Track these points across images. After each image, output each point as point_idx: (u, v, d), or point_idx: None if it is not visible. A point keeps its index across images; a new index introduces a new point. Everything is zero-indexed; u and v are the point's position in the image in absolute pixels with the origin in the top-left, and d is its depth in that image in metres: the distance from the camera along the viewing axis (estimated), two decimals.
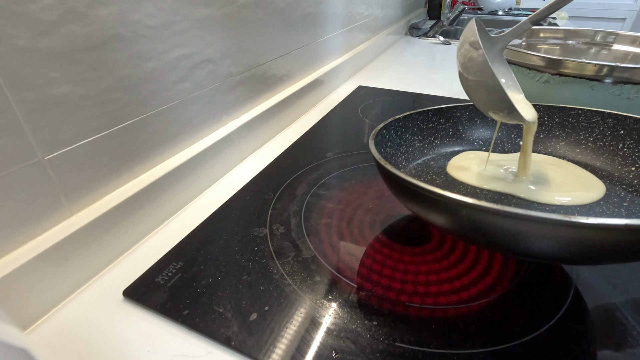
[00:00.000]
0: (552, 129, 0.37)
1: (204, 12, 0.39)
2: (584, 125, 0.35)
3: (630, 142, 0.33)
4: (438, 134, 0.39)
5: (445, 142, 0.39)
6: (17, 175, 0.26)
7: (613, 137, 0.34)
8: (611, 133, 0.34)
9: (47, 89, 0.26)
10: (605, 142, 0.34)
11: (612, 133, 0.34)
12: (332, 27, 0.73)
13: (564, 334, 0.26)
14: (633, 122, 0.32)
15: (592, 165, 0.34)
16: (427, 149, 0.38)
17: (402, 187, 0.25)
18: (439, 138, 0.39)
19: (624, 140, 0.33)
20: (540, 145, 0.37)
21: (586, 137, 0.35)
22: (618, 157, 0.33)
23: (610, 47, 0.58)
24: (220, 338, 0.26)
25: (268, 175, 0.45)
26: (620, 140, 0.33)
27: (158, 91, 0.35)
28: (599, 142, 0.34)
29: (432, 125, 0.38)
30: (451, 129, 0.39)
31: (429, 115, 0.38)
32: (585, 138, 0.35)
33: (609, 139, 0.34)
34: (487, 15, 1.63)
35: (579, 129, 0.36)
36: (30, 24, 0.24)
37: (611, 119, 0.34)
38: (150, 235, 0.36)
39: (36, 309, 0.27)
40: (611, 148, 0.34)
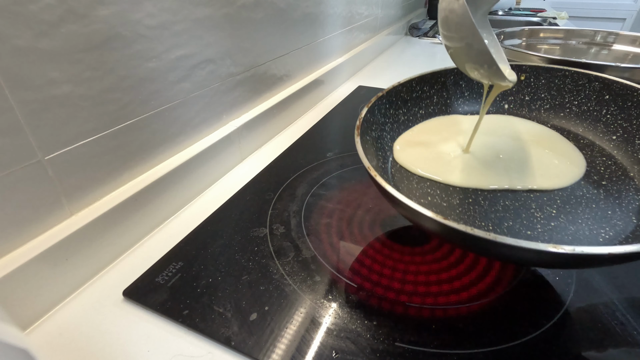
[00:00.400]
0: (537, 90, 0.36)
1: (204, 12, 0.39)
2: (569, 88, 0.35)
3: (614, 108, 0.32)
4: (422, 103, 0.37)
5: (429, 110, 0.37)
6: (17, 175, 0.26)
7: (598, 101, 0.33)
8: (596, 97, 0.33)
9: (47, 89, 0.26)
10: (590, 106, 0.33)
11: (597, 97, 0.33)
12: (332, 27, 0.73)
13: (564, 334, 0.26)
14: (619, 87, 0.31)
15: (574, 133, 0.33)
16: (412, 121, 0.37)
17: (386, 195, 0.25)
18: (423, 107, 0.37)
19: (608, 106, 0.32)
20: (525, 108, 0.36)
21: (571, 101, 0.34)
22: (600, 124, 0.33)
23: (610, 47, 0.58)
24: (220, 338, 0.26)
25: (268, 175, 0.45)
26: (604, 105, 0.32)
27: (158, 91, 0.35)
28: (583, 106, 0.34)
29: (416, 94, 0.37)
30: (435, 95, 0.37)
31: (412, 85, 0.36)
32: (570, 102, 0.35)
33: (593, 104, 0.33)
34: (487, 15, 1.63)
35: (564, 91, 0.35)
36: (30, 24, 0.24)
37: (598, 82, 0.33)
38: (150, 235, 0.36)
39: (36, 309, 0.27)
40: (595, 114, 0.33)
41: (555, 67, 0.35)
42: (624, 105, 0.31)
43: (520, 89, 0.36)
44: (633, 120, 0.30)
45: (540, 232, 0.27)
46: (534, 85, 0.36)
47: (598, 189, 0.30)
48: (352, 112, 0.65)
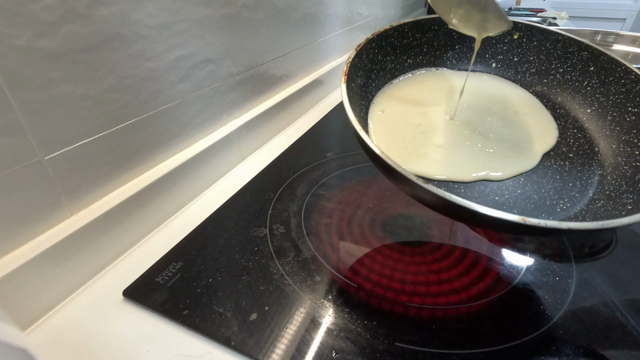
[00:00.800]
0: (527, 52, 0.35)
1: (204, 12, 0.39)
2: (559, 54, 0.34)
3: (596, 81, 0.32)
4: (411, 52, 0.36)
5: (417, 60, 0.36)
6: (18, 175, 0.26)
7: (582, 72, 0.33)
8: (582, 67, 0.33)
9: (47, 89, 0.26)
10: (573, 75, 0.33)
11: (582, 67, 0.33)
12: (332, 27, 0.73)
13: (564, 335, 0.26)
14: (606, 60, 0.31)
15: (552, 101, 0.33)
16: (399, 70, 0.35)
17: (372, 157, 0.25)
18: (412, 56, 0.36)
19: (591, 78, 0.32)
20: (512, 70, 0.36)
21: (557, 68, 0.34)
22: (579, 95, 0.33)
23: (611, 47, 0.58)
24: (220, 338, 0.26)
25: (268, 175, 0.45)
26: (587, 76, 0.32)
27: (158, 91, 0.35)
28: (567, 75, 0.34)
29: (407, 41, 0.35)
30: (426, 45, 0.36)
31: (404, 29, 0.34)
32: (556, 68, 0.34)
33: (577, 73, 0.33)
34: None
35: (553, 56, 0.34)
36: (30, 24, 0.24)
37: (587, 52, 0.32)
38: (150, 235, 0.36)
39: (36, 309, 0.27)
40: (576, 84, 0.33)
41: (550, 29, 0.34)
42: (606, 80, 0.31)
43: (510, 49, 0.36)
44: (610, 96, 0.31)
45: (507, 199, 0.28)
46: (525, 46, 0.35)
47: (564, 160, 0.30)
48: None
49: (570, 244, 0.34)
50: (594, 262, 0.32)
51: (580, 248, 0.34)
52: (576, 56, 0.33)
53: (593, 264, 0.32)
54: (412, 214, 0.38)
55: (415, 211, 0.38)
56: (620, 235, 0.36)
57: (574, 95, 0.33)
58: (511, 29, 0.33)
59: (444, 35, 0.36)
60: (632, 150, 0.27)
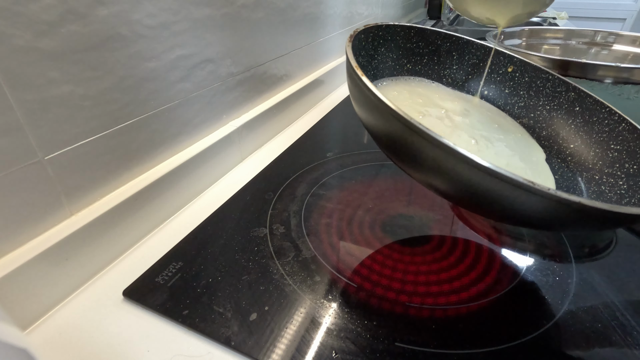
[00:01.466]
0: (518, 86, 0.37)
1: (204, 12, 0.39)
2: (548, 92, 0.36)
3: (581, 120, 0.33)
4: (412, 58, 0.37)
5: (416, 69, 0.38)
6: (17, 175, 0.26)
7: (568, 111, 0.34)
8: (568, 107, 0.34)
9: (47, 88, 0.26)
10: (559, 113, 0.35)
11: (568, 107, 0.34)
12: (332, 27, 0.73)
13: (564, 335, 0.26)
14: (592, 102, 0.33)
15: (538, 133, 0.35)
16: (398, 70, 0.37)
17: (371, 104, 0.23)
18: (412, 62, 0.37)
19: (576, 117, 0.34)
20: (502, 100, 0.38)
21: (544, 104, 0.36)
22: (563, 132, 0.34)
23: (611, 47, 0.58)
24: (220, 338, 0.26)
25: (268, 175, 0.45)
26: (572, 115, 0.34)
27: (158, 91, 0.35)
28: (553, 112, 0.35)
29: (410, 45, 0.36)
30: (427, 56, 0.37)
31: (410, 33, 0.36)
32: (544, 105, 0.36)
33: (563, 112, 0.35)
34: None
35: (542, 94, 0.36)
36: (30, 24, 0.24)
37: (574, 92, 0.34)
38: (150, 235, 0.36)
39: (36, 308, 0.27)
40: (562, 121, 0.34)
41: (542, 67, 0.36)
42: (590, 120, 0.33)
43: (504, 81, 0.37)
44: (594, 134, 0.32)
45: None
46: (518, 80, 0.37)
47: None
48: (352, 112, 0.65)
49: (570, 243, 0.34)
50: (594, 262, 0.32)
51: (580, 248, 0.34)
52: (564, 96, 0.35)
53: (593, 264, 0.32)
54: (412, 214, 0.38)
55: (416, 211, 0.38)
56: (620, 235, 0.36)
57: (558, 132, 0.34)
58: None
59: (445, 52, 0.38)
60: (615, 181, 0.29)
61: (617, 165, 0.29)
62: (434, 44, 0.37)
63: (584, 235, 0.36)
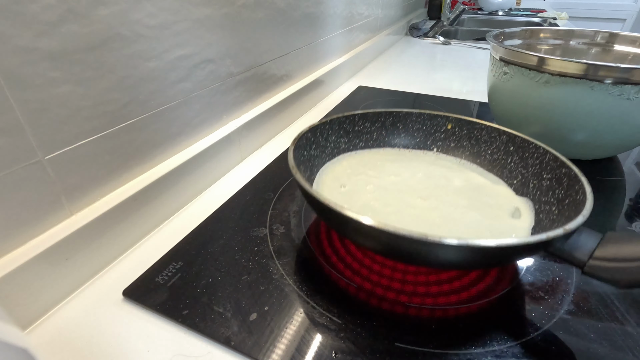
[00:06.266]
0: (461, 139, 0.42)
1: (204, 12, 0.39)
2: (485, 139, 0.41)
3: (516, 157, 0.38)
4: (363, 137, 0.43)
5: (369, 144, 0.43)
6: (18, 174, 0.26)
7: (505, 151, 0.39)
8: (504, 148, 0.39)
9: (47, 88, 0.26)
10: (499, 155, 0.40)
11: (504, 148, 0.39)
12: (332, 27, 0.73)
13: (564, 335, 0.26)
14: (520, 140, 0.38)
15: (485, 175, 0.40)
16: (352, 150, 0.42)
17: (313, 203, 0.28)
18: (364, 140, 0.43)
19: (512, 156, 0.38)
20: (451, 152, 0.43)
21: (485, 150, 0.41)
22: (506, 170, 0.39)
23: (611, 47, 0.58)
24: (220, 338, 0.26)
25: (268, 175, 0.45)
26: (509, 155, 0.39)
27: (158, 91, 0.35)
28: (494, 154, 0.40)
29: (358, 128, 0.42)
30: (375, 132, 0.43)
31: (355, 118, 0.41)
32: (484, 150, 0.41)
33: (502, 153, 0.39)
34: (487, 15, 1.63)
35: (481, 141, 0.41)
36: (30, 24, 0.24)
37: (505, 135, 0.39)
38: (150, 235, 0.36)
39: (36, 308, 0.27)
40: (502, 161, 0.39)
41: (474, 120, 0.41)
42: (523, 155, 0.37)
43: (447, 137, 0.43)
44: (529, 167, 0.36)
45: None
46: (458, 134, 0.42)
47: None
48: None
49: None
50: None
51: None
52: (498, 139, 0.40)
53: None
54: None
55: None
56: None
57: (502, 171, 0.39)
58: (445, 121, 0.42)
59: (390, 126, 0.43)
60: (549, 207, 0.32)
61: (550, 193, 0.33)
62: (378, 121, 0.43)
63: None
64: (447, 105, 0.68)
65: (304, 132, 0.35)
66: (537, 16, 1.56)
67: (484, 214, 0.33)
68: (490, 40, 0.52)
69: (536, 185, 0.35)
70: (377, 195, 0.34)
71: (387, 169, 0.39)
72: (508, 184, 0.38)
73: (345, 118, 0.41)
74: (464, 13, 1.64)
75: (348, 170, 0.38)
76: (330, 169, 0.39)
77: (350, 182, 0.36)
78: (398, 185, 0.36)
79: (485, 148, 0.41)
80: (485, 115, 0.64)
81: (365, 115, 0.42)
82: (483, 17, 1.62)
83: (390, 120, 0.43)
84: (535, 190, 0.35)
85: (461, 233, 0.30)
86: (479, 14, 1.66)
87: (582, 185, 0.29)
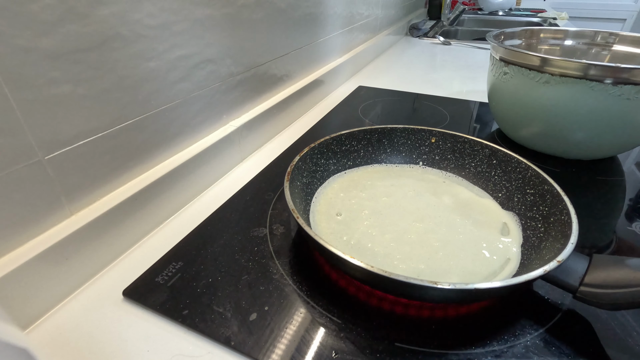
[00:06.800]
0: (445, 152, 0.43)
1: (205, 12, 0.39)
2: (468, 152, 0.41)
3: (500, 171, 0.39)
4: (350, 156, 0.43)
5: (357, 162, 0.44)
6: (17, 175, 0.26)
7: (488, 164, 0.40)
8: (487, 161, 0.40)
9: (47, 88, 0.26)
10: (483, 168, 0.40)
11: (488, 161, 0.40)
12: (332, 27, 0.73)
13: (564, 335, 0.26)
14: (503, 154, 0.38)
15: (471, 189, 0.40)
16: (341, 170, 0.42)
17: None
18: (352, 159, 0.43)
19: (496, 169, 0.39)
20: (436, 166, 0.43)
21: (469, 162, 0.41)
22: (490, 183, 0.39)
23: (611, 47, 0.58)
24: (220, 338, 0.26)
25: (268, 176, 0.45)
26: (493, 168, 0.39)
27: (158, 91, 0.35)
28: (478, 167, 0.41)
29: (345, 147, 0.43)
30: (362, 149, 0.44)
31: (341, 139, 0.42)
32: (469, 163, 0.41)
33: (485, 166, 0.40)
34: (487, 15, 1.63)
35: (464, 154, 0.42)
36: (30, 24, 0.24)
37: (488, 149, 0.40)
38: (150, 235, 0.36)
39: (36, 308, 0.27)
40: (486, 174, 0.40)
41: (457, 134, 0.42)
42: (507, 169, 0.38)
43: (431, 150, 0.44)
44: (512, 181, 0.37)
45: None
46: (442, 147, 0.43)
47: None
48: (352, 112, 0.65)
49: None
50: None
51: (580, 248, 0.34)
52: (481, 153, 0.40)
53: None
54: None
55: None
56: (620, 236, 0.36)
57: (486, 183, 0.40)
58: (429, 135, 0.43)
59: (376, 142, 0.44)
60: (535, 224, 0.32)
61: (535, 208, 0.33)
62: (364, 139, 0.43)
63: (584, 235, 0.36)
64: (447, 105, 0.68)
65: (295, 163, 0.35)
66: (537, 16, 1.56)
67: (477, 235, 0.33)
68: (490, 40, 0.52)
69: (520, 199, 0.36)
70: (373, 222, 0.35)
71: (378, 189, 0.39)
72: (493, 197, 0.38)
73: (332, 139, 0.41)
74: (464, 13, 1.64)
75: (341, 194, 0.38)
76: (323, 194, 0.39)
77: (345, 208, 0.36)
78: (392, 207, 0.37)
79: (469, 161, 0.41)
80: (485, 115, 0.64)
81: (351, 135, 0.42)
82: (483, 17, 1.62)
83: (376, 137, 0.44)
84: (520, 205, 0.35)
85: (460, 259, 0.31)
86: (479, 14, 1.66)
87: (566, 205, 0.30)
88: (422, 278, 0.23)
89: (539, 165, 0.37)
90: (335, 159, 0.42)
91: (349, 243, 0.32)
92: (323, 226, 0.34)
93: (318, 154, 0.40)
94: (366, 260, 0.26)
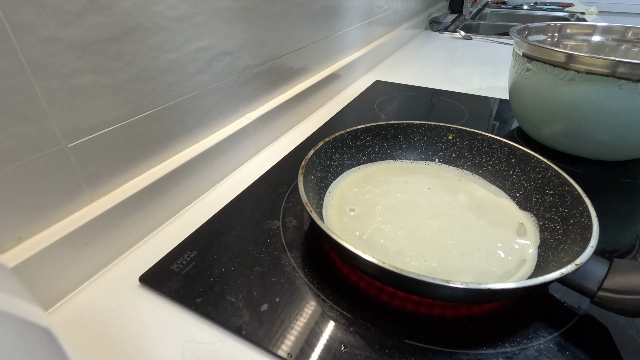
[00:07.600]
0: (462, 149, 0.42)
1: (223, 4, 0.39)
2: (486, 150, 0.41)
3: (518, 170, 0.38)
4: (365, 151, 0.43)
5: (372, 157, 0.43)
6: (41, 161, 0.26)
7: (507, 163, 0.39)
8: (506, 160, 0.39)
9: (71, 78, 0.27)
10: (501, 167, 0.39)
11: (506, 160, 0.39)
12: (350, 21, 0.72)
13: (580, 340, 0.25)
14: (522, 153, 0.37)
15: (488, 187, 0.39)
16: (355, 165, 0.42)
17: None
18: (366, 154, 0.43)
19: (514, 168, 0.38)
20: (452, 163, 0.43)
21: (487, 160, 0.41)
22: (508, 182, 0.38)
23: None
24: (232, 327, 0.26)
25: (282, 169, 0.45)
26: (511, 167, 0.38)
27: (177, 82, 0.36)
28: (496, 166, 0.40)
29: (360, 142, 0.42)
30: (377, 145, 0.43)
31: (357, 134, 0.42)
32: (486, 161, 0.41)
33: (503, 165, 0.39)
34: (511, 9, 1.58)
35: (482, 152, 0.41)
36: (55, 15, 0.25)
37: (507, 147, 0.39)
38: (166, 223, 0.37)
39: (57, 290, 0.28)
40: (504, 173, 0.39)
41: (475, 131, 0.41)
42: (526, 169, 0.37)
43: (448, 147, 0.43)
44: (531, 181, 0.36)
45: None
46: (460, 144, 0.42)
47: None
48: (368, 107, 0.64)
49: None
50: None
51: (602, 253, 0.33)
52: (499, 151, 0.39)
53: None
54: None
55: None
56: None
57: (504, 183, 0.39)
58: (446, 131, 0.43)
59: (391, 137, 0.43)
60: (554, 225, 0.32)
61: (554, 210, 0.33)
62: (380, 134, 0.43)
63: (604, 238, 0.35)
64: (465, 101, 0.67)
65: (309, 157, 0.35)
66: (564, 10, 1.50)
67: (492, 234, 0.33)
68: (513, 35, 0.50)
69: (539, 200, 0.35)
70: (386, 218, 0.34)
71: (392, 185, 0.39)
72: (511, 196, 0.38)
73: (347, 134, 0.41)
74: (487, 7, 1.59)
75: (354, 189, 0.38)
76: (337, 189, 0.38)
77: (358, 203, 0.36)
78: (406, 204, 0.36)
79: (487, 159, 0.41)
80: (505, 112, 0.63)
81: (367, 130, 0.42)
82: (507, 11, 1.57)
83: (392, 132, 0.43)
84: (538, 205, 0.35)
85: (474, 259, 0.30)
86: (503, 8, 1.61)
87: (587, 207, 0.29)
88: (435, 276, 0.23)
89: (560, 166, 0.36)
90: (350, 154, 0.42)
91: (361, 238, 0.32)
92: (336, 220, 0.34)
93: (333, 148, 0.40)
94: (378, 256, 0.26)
